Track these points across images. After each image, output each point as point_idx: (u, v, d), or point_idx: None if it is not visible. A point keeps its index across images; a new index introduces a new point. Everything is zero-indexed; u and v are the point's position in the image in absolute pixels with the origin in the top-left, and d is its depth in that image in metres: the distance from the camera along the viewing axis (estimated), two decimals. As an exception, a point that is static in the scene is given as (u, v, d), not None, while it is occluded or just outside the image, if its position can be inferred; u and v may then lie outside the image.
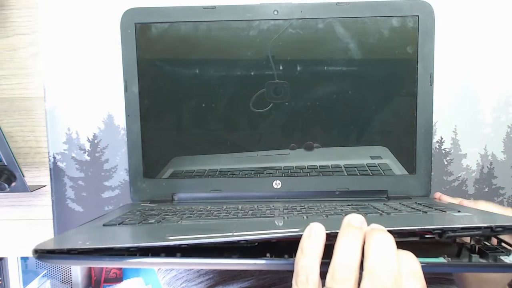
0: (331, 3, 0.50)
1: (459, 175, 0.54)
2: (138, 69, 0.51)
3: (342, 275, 0.27)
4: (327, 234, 0.29)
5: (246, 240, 0.29)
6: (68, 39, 0.54)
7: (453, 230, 0.29)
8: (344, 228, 0.29)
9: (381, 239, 0.27)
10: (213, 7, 0.50)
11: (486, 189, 0.54)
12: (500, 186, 0.54)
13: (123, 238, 0.34)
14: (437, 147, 0.54)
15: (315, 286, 0.28)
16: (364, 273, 0.27)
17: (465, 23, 0.53)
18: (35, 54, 0.55)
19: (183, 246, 0.29)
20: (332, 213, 0.39)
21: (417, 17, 0.50)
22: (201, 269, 0.55)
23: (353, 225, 0.29)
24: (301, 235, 0.29)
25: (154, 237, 0.30)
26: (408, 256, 0.28)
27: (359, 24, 0.50)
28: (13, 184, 0.52)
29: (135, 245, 0.30)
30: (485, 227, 0.29)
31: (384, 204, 0.45)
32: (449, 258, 0.30)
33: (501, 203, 0.54)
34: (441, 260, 0.30)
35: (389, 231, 0.29)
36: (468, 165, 0.54)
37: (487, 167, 0.54)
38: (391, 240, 0.27)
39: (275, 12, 0.50)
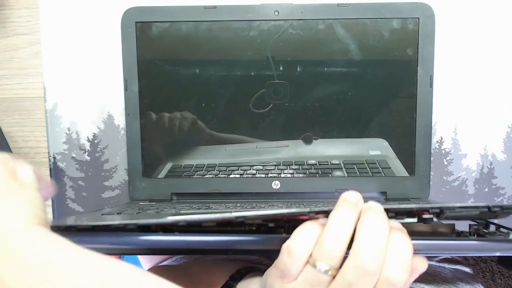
0: (332, 4, 0.50)
1: (459, 175, 0.54)
2: (138, 68, 0.51)
3: (329, 250, 0.27)
4: (324, 212, 0.29)
5: (244, 217, 0.29)
6: (68, 39, 0.54)
7: (451, 208, 0.29)
8: (340, 202, 0.28)
9: (373, 220, 0.27)
10: (214, 7, 0.50)
11: (486, 189, 0.54)
12: (500, 186, 0.54)
13: (121, 219, 0.34)
14: (437, 147, 0.54)
15: None
16: (350, 251, 0.27)
17: (466, 24, 0.53)
18: (35, 54, 0.55)
19: (181, 224, 0.29)
20: (332, 207, 0.39)
21: (417, 19, 0.50)
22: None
23: (349, 201, 0.28)
24: (301, 212, 0.29)
25: (152, 218, 0.30)
26: (400, 242, 0.27)
27: (359, 25, 0.50)
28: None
29: (134, 221, 0.29)
30: (482, 206, 0.29)
31: (382, 204, 0.45)
32: None
33: (501, 203, 0.54)
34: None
35: (386, 209, 0.29)
36: (468, 165, 0.54)
37: (487, 167, 0.54)
38: (384, 222, 0.27)
39: (276, 13, 0.50)
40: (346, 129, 0.51)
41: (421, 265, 0.29)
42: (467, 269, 0.56)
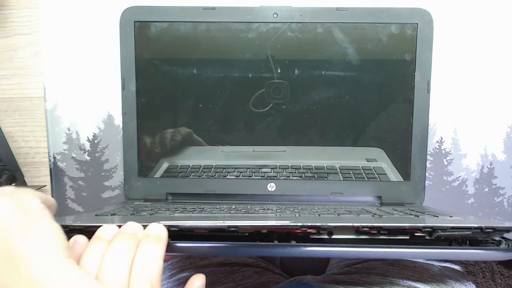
0: (331, 8, 0.50)
1: (459, 175, 0.54)
2: (136, 67, 0.51)
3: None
4: (316, 227, 0.29)
5: (236, 227, 0.29)
6: (68, 39, 0.54)
7: (443, 229, 0.30)
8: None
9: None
10: (213, 8, 0.50)
11: (486, 189, 0.54)
12: (500, 186, 0.54)
13: (114, 222, 0.34)
14: (437, 147, 0.54)
15: None
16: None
17: (465, 26, 0.53)
18: (35, 54, 0.55)
19: (173, 230, 0.30)
20: (325, 212, 0.39)
21: (416, 25, 0.49)
22: (181, 277, 0.55)
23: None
24: (293, 226, 0.29)
25: (145, 221, 0.31)
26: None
27: (358, 29, 0.50)
28: (13, 184, 0.52)
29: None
30: (475, 227, 0.29)
31: (377, 208, 0.45)
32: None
33: (501, 203, 0.54)
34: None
35: (379, 227, 0.29)
36: (468, 165, 0.54)
37: (487, 167, 0.54)
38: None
39: (275, 15, 0.50)
40: (342, 133, 0.51)
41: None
42: (457, 267, 0.55)
